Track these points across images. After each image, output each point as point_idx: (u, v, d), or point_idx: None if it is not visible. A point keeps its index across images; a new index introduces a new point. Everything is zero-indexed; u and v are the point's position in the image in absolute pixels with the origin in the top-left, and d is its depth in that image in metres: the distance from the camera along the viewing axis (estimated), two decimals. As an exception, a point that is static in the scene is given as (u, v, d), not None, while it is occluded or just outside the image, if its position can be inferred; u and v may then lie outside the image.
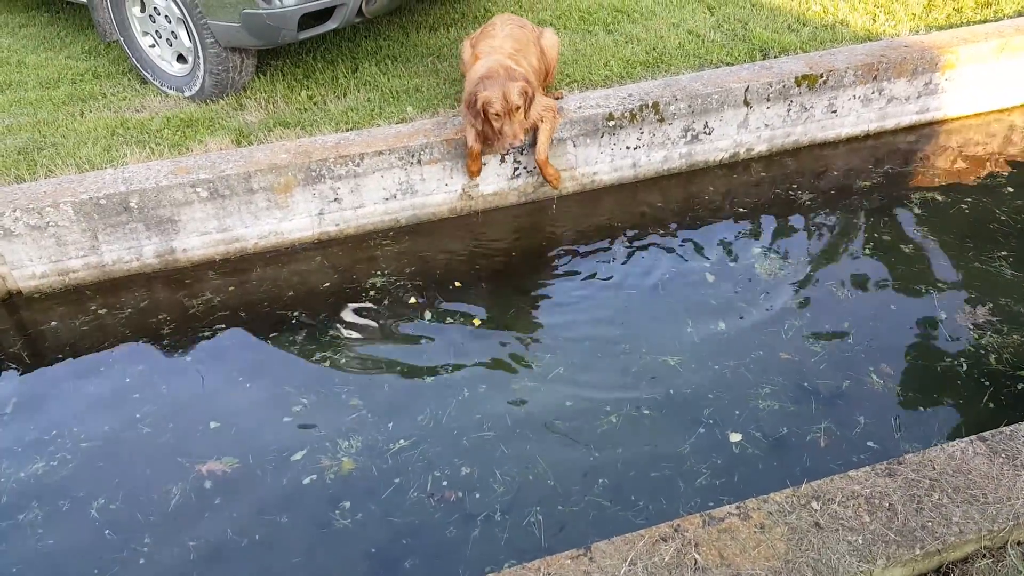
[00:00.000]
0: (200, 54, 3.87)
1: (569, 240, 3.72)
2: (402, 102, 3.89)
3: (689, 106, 3.88)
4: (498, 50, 3.44)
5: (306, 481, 2.58)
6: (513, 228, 3.81)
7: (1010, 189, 3.87)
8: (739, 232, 3.70)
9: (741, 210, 3.85)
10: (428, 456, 2.64)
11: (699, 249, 3.60)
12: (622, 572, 1.82)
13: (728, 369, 2.94)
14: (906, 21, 4.50)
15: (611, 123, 3.79)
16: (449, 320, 3.24)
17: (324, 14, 3.72)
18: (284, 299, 3.37)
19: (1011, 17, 4.43)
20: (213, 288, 3.44)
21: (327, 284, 3.45)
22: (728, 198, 3.98)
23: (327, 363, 3.04)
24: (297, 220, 3.58)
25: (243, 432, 2.78)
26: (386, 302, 3.34)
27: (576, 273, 3.51)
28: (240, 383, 2.99)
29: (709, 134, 4.03)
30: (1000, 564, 1.89)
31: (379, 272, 3.50)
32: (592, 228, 3.79)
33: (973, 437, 2.14)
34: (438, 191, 3.71)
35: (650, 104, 3.82)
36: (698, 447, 2.64)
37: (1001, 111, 4.44)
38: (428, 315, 3.25)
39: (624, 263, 3.55)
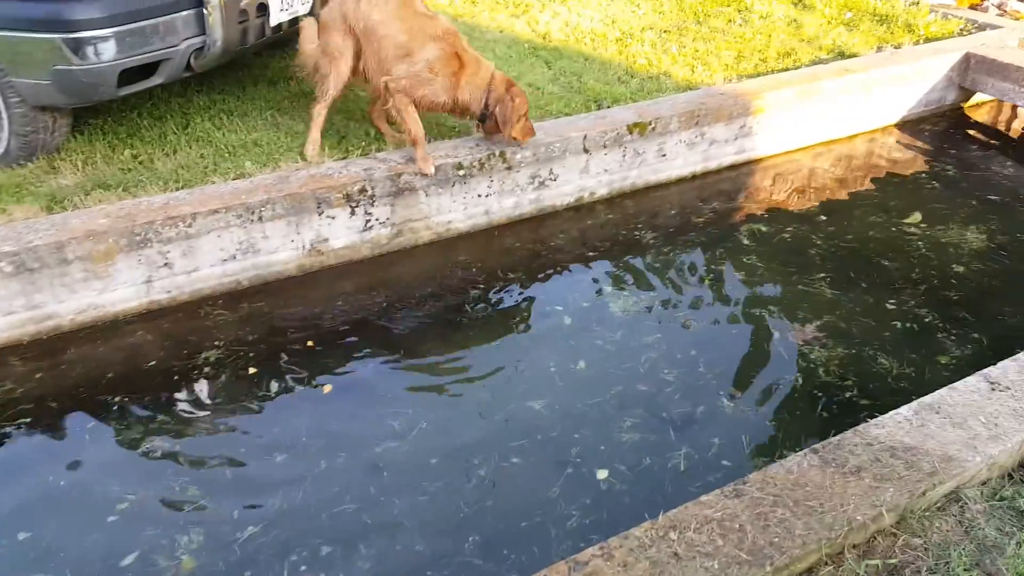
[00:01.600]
0: (3, 115, 3.49)
1: (425, 291, 3.65)
2: (239, 158, 3.70)
3: (534, 154, 3.97)
4: None
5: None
6: (368, 282, 3.68)
7: (822, 217, 4.24)
8: (590, 273, 3.79)
9: (590, 251, 3.95)
10: (282, 540, 2.40)
11: (553, 291, 3.65)
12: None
13: (591, 407, 2.95)
14: (720, 71, 4.90)
15: (461, 172, 3.80)
16: (298, 388, 3.04)
17: (148, 69, 3.47)
18: (104, 382, 3.01)
19: (807, 66, 4.94)
20: (16, 376, 3.01)
21: (155, 361, 3.12)
22: (578, 240, 4.08)
23: (157, 452, 2.71)
24: (121, 291, 3.24)
25: (58, 540, 2.40)
26: (224, 375, 3.07)
27: (434, 324, 3.43)
28: (51, 483, 2.60)
29: (555, 180, 4.14)
30: (840, 569, 1.96)
31: (217, 341, 3.23)
32: (449, 277, 3.75)
33: (807, 450, 2.24)
34: (283, 248, 3.53)
35: (497, 153, 3.87)
36: (567, 489, 2.61)
37: (805, 148, 4.91)
38: (274, 386, 3.03)
39: (481, 310, 3.52)
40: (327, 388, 3.03)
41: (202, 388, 3.03)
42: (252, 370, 3.10)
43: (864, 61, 4.98)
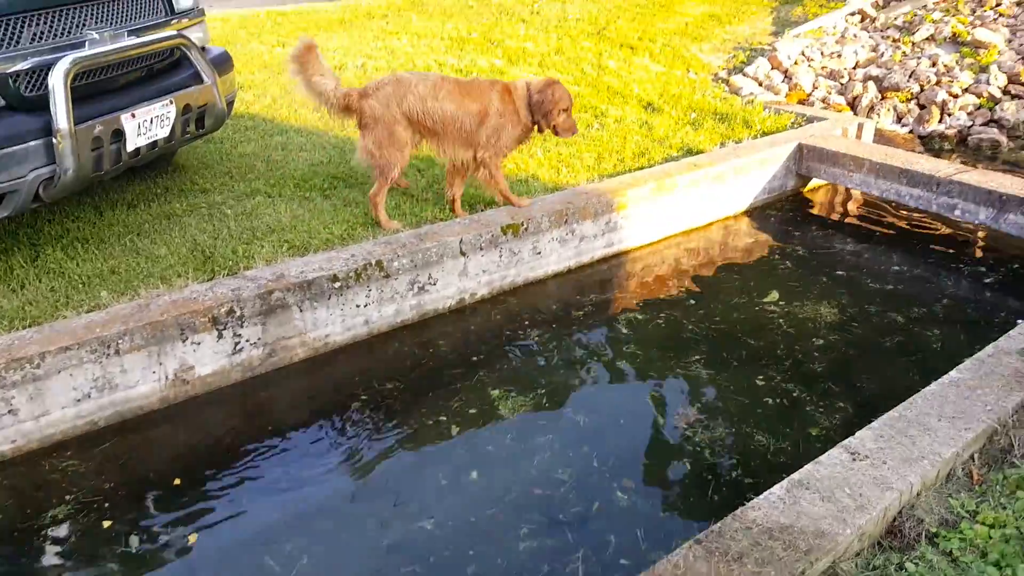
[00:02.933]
0: None
1: (302, 412, 3.48)
2: (94, 288, 3.47)
3: (412, 261, 3.98)
4: None
5: None
6: (240, 409, 3.48)
7: (691, 302, 4.45)
8: (477, 376, 3.76)
9: (476, 353, 3.93)
10: None
11: (439, 399, 3.57)
12: None
13: (486, 519, 2.85)
14: (583, 172, 5.16)
15: (337, 284, 3.73)
16: (162, 538, 2.77)
17: (-10, 202, 3.25)
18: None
19: (660, 163, 5.29)
20: None
21: None
22: (462, 343, 4.06)
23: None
24: (-43, 445, 2.91)
25: None
26: (78, 532, 2.76)
27: (312, 446, 3.26)
28: None
29: (435, 284, 4.15)
30: None
31: (68, 494, 2.91)
32: (328, 394, 3.60)
33: (691, 541, 2.23)
34: (144, 381, 3.29)
35: (374, 262, 3.84)
36: (467, 610, 2.47)
37: (667, 238, 5.20)
38: (135, 540, 2.75)
39: (362, 427, 3.39)
40: (192, 537, 2.76)
41: (51, 550, 2.69)
42: (108, 524, 2.79)
43: (710, 156, 5.40)
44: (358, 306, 3.88)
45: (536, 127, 4.27)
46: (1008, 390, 2.81)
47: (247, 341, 3.52)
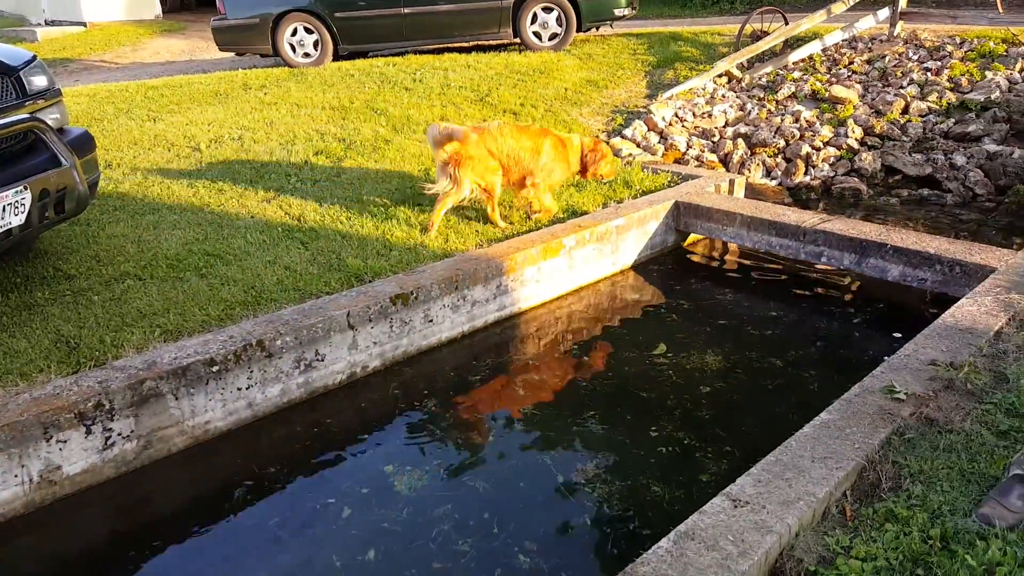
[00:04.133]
0: None
1: (182, 505, 3.37)
2: (-58, 390, 3.28)
3: (296, 338, 3.97)
4: None
5: None
6: (114, 507, 3.33)
7: (585, 358, 4.64)
8: (370, 452, 3.76)
9: (368, 430, 3.94)
10: None
11: (331, 479, 3.55)
12: None
13: (383, 599, 2.84)
14: (472, 237, 5.33)
15: (215, 368, 3.67)
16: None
17: None
18: None
19: (547, 225, 5.56)
20: None
21: None
22: (355, 419, 4.06)
23: None
24: None
25: None
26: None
27: (193, 540, 3.16)
28: None
29: (322, 360, 4.14)
30: None
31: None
32: (209, 484, 3.51)
33: None
34: (5, 486, 3.11)
35: (255, 342, 3.82)
36: None
37: (558, 298, 5.42)
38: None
39: (248, 516, 3.31)
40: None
41: None
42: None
43: (593, 217, 5.72)
44: (240, 389, 3.82)
45: (584, 173, 5.89)
46: (874, 427, 3.04)
47: (119, 435, 3.40)
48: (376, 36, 11.05)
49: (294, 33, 10.80)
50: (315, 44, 10.89)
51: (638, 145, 7.92)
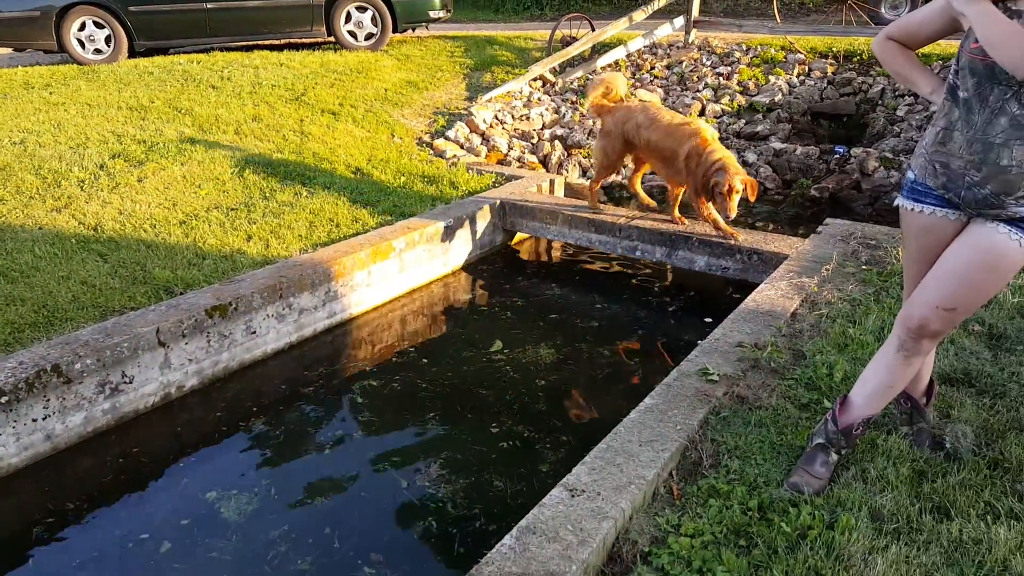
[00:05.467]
0: None
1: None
2: None
3: (99, 359, 3.62)
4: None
5: None
6: None
7: (424, 361, 4.62)
8: (190, 479, 3.50)
9: (187, 454, 3.67)
10: None
11: (147, 510, 3.27)
12: None
13: (218, 631, 2.66)
14: (295, 242, 5.13)
15: (4, 399, 3.25)
16: None
17: None
18: None
19: (375, 228, 5.47)
20: None
21: None
22: (172, 443, 3.76)
23: None
24: None
25: None
26: None
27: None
28: None
29: (131, 382, 3.80)
30: None
31: None
32: (11, 527, 3.10)
33: None
34: None
35: (49, 368, 3.43)
36: None
37: (390, 301, 5.36)
38: None
39: (48, 561, 2.97)
40: None
41: None
42: None
43: (421, 219, 5.71)
44: (35, 420, 3.42)
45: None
46: (692, 409, 3.25)
47: None
48: (177, 32, 10.30)
49: (82, 27, 9.80)
50: (107, 40, 9.96)
51: (461, 147, 8.01)
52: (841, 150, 8.00)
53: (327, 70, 9.56)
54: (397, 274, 5.38)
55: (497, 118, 8.75)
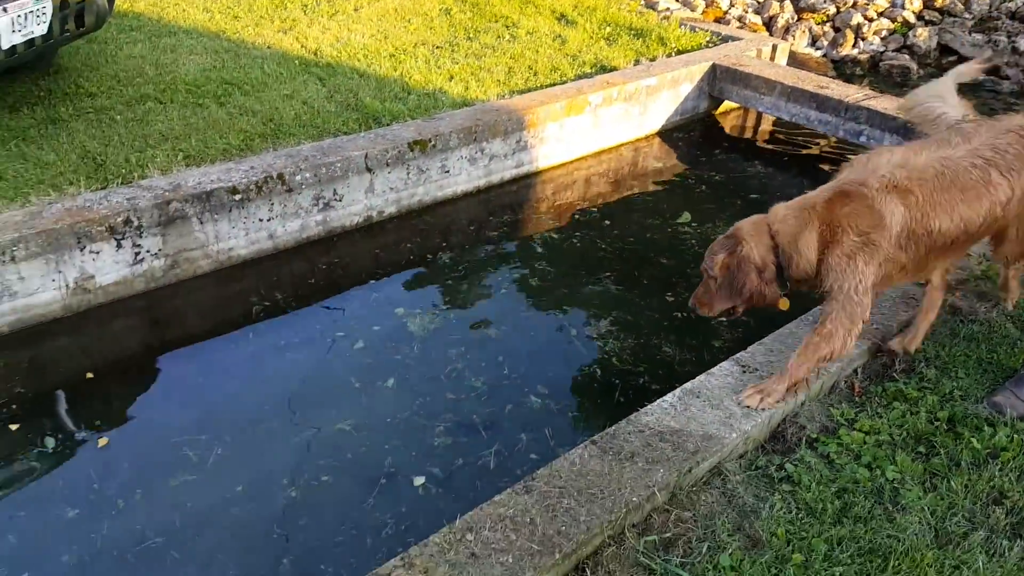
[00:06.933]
0: None
1: (208, 322, 3.77)
2: (-23, 195, 3.59)
3: (315, 175, 4.23)
4: None
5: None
6: (144, 318, 3.72)
7: (606, 222, 4.92)
8: (382, 292, 4.11)
9: (382, 272, 4.28)
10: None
11: (345, 313, 3.92)
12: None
13: (401, 420, 3.27)
14: (493, 87, 5.48)
15: (237, 197, 3.96)
16: (74, 438, 3.07)
17: None
18: None
19: (572, 80, 5.68)
20: None
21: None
22: (370, 260, 4.39)
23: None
24: None
25: None
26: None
27: (218, 353, 3.58)
28: None
29: (340, 200, 4.43)
30: (622, 548, 2.36)
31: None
32: (232, 305, 3.88)
33: (587, 442, 2.63)
34: (44, 289, 3.48)
35: (275, 175, 4.08)
36: (382, 499, 2.90)
37: (578, 159, 5.63)
38: (47, 441, 3.02)
39: (268, 337, 3.71)
40: (103, 441, 3.06)
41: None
42: (15, 427, 3.06)
43: (623, 74, 5.81)
44: (261, 220, 4.13)
45: None
46: (894, 311, 3.28)
47: (147, 252, 3.74)
48: None
49: None
50: None
51: (677, 0, 7.85)
52: None
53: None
54: (589, 131, 5.59)
55: (723, -29, 8.39)
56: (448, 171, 4.90)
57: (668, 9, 7.55)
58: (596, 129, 5.62)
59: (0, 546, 2.62)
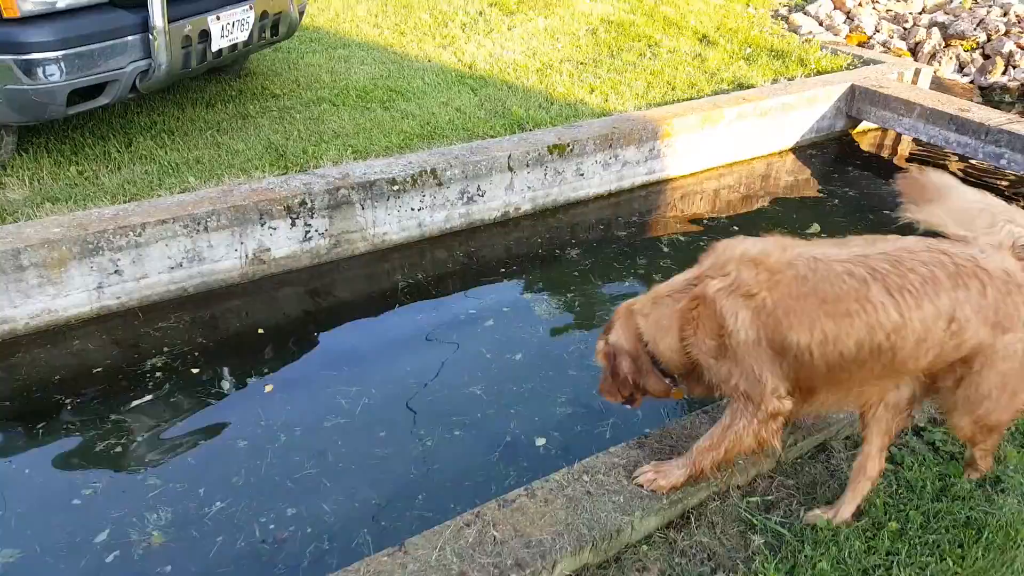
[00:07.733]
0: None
1: (361, 295, 4.16)
2: (183, 173, 4.16)
3: (463, 172, 4.58)
4: None
5: (110, 559, 2.62)
6: (308, 289, 4.17)
7: (735, 228, 4.99)
8: (517, 281, 4.39)
9: (514, 262, 4.56)
10: (251, 508, 2.83)
11: (479, 295, 4.22)
12: (433, 558, 2.16)
13: (527, 389, 3.51)
14: (631, 100, 5.68)
15: (395, 187, 4.36)
16: (248, 383, 3.50)
17: (95, 89, 3.92)
18: (57, 383, 3.39)
19: (709, 95, 5.78)
20: (-28, 378, 3.36)
21: (107, 363, 3.52)
22: (504, 251, 4.68)
23: (117, 448, 3.09)
24: (73, 296, 3.63)
25: (24, 521, 2.76)
26: (173, 376, 3.48)
27: (369, 323, 3.96)
28: (13, 472, 2.97)
29: (482, 195, 4.76)
30: (726, 504, 2.50)
31: (165, 345, 3.65)
32: (384, 283, 4.27)
33: (699, 411, 2.80)
34: (227, 257, 3.98)
35: (428, 170, 4.46)
36: (507, 454, 3.14)
37: (709, 170, 5.71)
38: (221, 384, 3.47)
39: (413, 313, 4.05)
40: (269, 387, 3.47)
41: (154, 387, 3.42)
42: (196, 371, 3.52)
43: (759, 91, 5.86)
44: (413, 209, 4.51)
45: None
46: None
47: (316, 231, 4.19)
48: None
49: None
50: None
51: (820, 23, 7.77)
52: None
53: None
54: (722, 144, 5.68)
55: (869, -5, 8.23)
56: (583, 174, 5.13)
57: (811, 32, 7.49)
58: (729, 142, 5.70)
59: (183, 466, 3.04)
